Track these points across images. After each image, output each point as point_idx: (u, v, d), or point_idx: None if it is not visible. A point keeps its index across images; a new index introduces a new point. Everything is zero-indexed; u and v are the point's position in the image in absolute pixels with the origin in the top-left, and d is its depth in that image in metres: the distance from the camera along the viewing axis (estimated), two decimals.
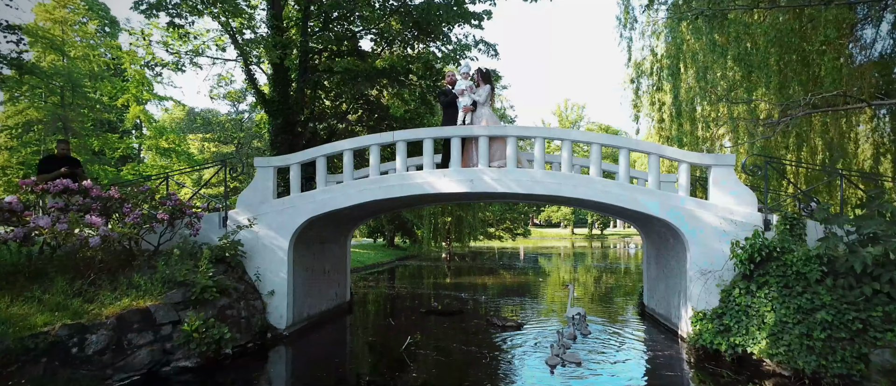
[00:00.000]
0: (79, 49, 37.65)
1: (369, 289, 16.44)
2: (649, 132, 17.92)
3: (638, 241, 62.78)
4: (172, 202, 8.13)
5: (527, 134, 9.38)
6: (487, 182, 8.86)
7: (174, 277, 7.20)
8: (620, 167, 8.55)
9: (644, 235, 11.32)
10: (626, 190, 8.38)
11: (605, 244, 66.04)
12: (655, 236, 10.42)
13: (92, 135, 35.60)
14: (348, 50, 14.00)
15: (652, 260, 10.91)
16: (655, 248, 10.56)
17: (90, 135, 35.31)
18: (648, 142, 8.50)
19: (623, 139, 8.58)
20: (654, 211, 8.17)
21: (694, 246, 7.90)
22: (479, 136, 8.95)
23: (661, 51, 17.32)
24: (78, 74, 33.87)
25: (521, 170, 8.97)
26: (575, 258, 35.12)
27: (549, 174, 8.83)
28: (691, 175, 8.52)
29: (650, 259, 11.08)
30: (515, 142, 8.98)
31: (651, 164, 8.40)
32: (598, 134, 8.81)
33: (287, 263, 8.96)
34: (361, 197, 9.07)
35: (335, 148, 9.36)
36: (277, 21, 13.14)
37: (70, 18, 36.41)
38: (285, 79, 13.53)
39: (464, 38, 14.27)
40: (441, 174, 8.98)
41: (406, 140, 9.17)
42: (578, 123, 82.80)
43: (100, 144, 37.72)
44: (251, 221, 8.73)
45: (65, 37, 35.90)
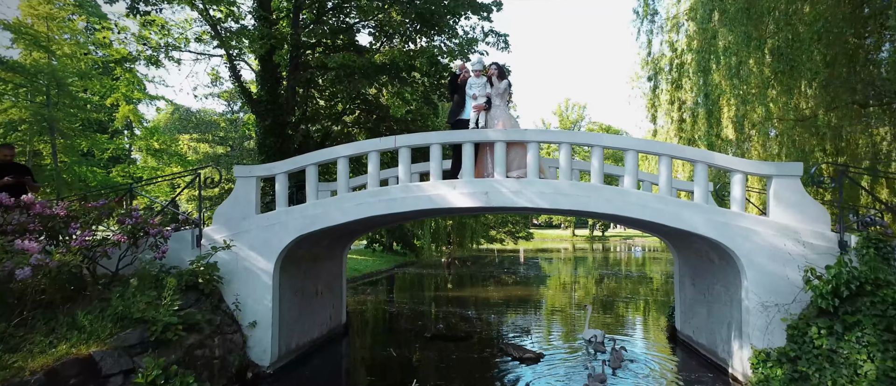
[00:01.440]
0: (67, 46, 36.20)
1: (367, 303, 15.18)
2: (667, 133, 16.68)
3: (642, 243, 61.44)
4: (133, 220, 6.86)
5: (550, 139, 8.16)
6: (505, 195, 7.61)
7: (130, 312, 5.93)
8: (661, 177, 7.30)
9: (676, 251, 10.08)
10: (668, 204, 7.13)
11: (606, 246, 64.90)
12: (692, 254, 9.18)
13: (80, 135, 34.29)
14: (344, 44, 12.75)
15: (687, 280, 9.67)
16: (691, 267, 9.32)
17: (78, 135, 34.00)
18: (694, 148, 7.30)
19: (664, 145, 7.34)
20: (702, 229, 6.93)
21: (751, 271, 6.67)
22: (495, 141, 7.71)
23: (681, 45, 16.10)
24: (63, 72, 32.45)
25: (544, 181, 7.72)
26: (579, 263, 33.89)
27: (577, 186, 7.58)
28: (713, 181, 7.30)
29: (684, 278, 9.84)
30: (537, 148, 7.73)
31: (698, 175, 7.15)
32: (633, 139, 7.57)
33: (272, 289, 7.70)
34: (359, 212, 7.82)
35: (328, 155, 8.10)
36: (265, 11, 11.87)
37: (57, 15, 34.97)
38: (275, 76, 12.28)
39: (471, 30, 13.01)
40: (451, 186, 7.73)
41: (410, 146, 7.92)
42: (579, 123, 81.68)
43: (88, 145, 36.39)
44: (228, 243, 7.46)
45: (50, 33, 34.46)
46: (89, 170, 36.53)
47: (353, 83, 10.55)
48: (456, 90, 8.38)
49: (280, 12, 13.21)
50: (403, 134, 12.69)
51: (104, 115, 39.19)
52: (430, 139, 7.92)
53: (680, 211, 7.05)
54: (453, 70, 8.23)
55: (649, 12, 15.84)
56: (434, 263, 31.72)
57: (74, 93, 34.33)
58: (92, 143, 36.67)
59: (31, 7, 33.69)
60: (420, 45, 12.99)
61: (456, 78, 8.40)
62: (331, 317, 10.36)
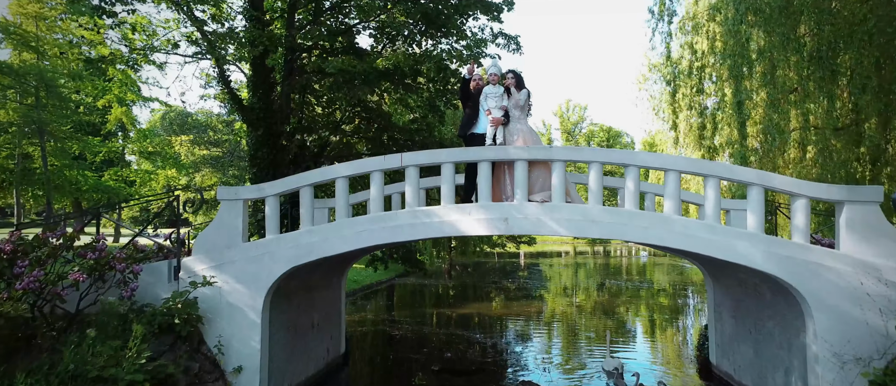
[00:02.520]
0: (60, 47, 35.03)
1: (366, 322, 14.19)
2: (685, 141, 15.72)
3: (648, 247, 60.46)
4: (97, 254, 5.88)
5: (579, 157, 7.15)
6: (527, 222, 6.65)
7: (85, 370, 4.96)
8: (708, 202, 6.33)
9: (711, 277, 9.11)
10: (719, 234, 6.16)
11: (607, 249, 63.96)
12: (733, 283, 8.21)
13: (71, 138, 33.26)
14: (343, 47, 11.75)
15: (725, 311, 8.70)
16: (732, 297, 8.35)
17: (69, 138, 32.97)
18: (749, 169, 6.32)
19: (710, 165, 6.36)
20: (760, 264, 5.96)
21: (820, 315, 5.70)
22: (516, 159, 6.73)
23: (702, 47, 15.15)
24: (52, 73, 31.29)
25: (572, 205, 6.74)
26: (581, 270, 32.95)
27: (611, 212, 6.60)
28: None
29: (721, 308, 8.87)
30: (563, 168, 6.75)
31: (752, 199, 6.17)
32: (675, 158, 6.61)
33: (261, 327, 6.71)
34: (360, 241, 6.84)
35: (325, 175, 7.11)
36: (257, 11, 10.87)
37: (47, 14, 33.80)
38: (268, 81, 11.28)
39: (480, 31, 12.01)
40: (465, 211, 6.75)
41: (418, 165, 6.94)
42: (580, 125, 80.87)
43: (80, 148, 35.32)
44: (208, 279, 6.46)
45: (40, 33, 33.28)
46: (80, 173, 35.49)
47: (353, 90, 9.58)
48: (468, 99, 7.38)
49: (274, 12, 12.22)
50: (406, 144, 11.73)
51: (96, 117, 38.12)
52: (441, 157, 6.94)
53: (733, 242, 6.08)
54: (463, 75, 7.22)
55: (666, 12, 14.84)
56: (434, 269, 30.75)
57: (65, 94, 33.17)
58: (83, 145, 35.61)
59: (19, 6, 32.53)
60: (425, 47, 12.01)
61: (467, 84, 7.40)
62: (328, 349, 9.38)
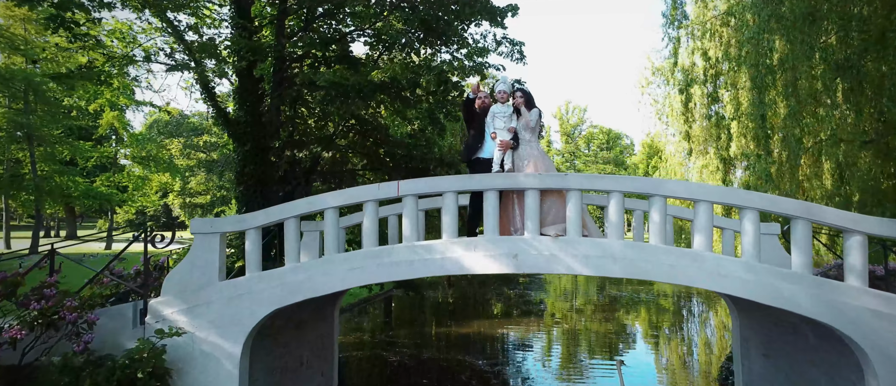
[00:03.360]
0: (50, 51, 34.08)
1: (363, 345, 13.41)
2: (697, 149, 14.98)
3: None
4: (46, 300, 5.11)
5: (598, 186, 6.38)
6: (539, 259, 5.91)
7: None
8: (746, 236, 5.57)
9: (736, 308, 8.35)
10: (760, 274, 5.40)
11: None
12: (763, 318, 7.46)
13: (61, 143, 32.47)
14: (337, 56, 10.99)
15: (753, 348, 7.94)
16: (763, 334, 7.60)
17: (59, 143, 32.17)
18: (791, 200, 5.54)
19: (747, 195, 5.60)
20: (809, 310, 5.21)
21: (885, 370, 4.95)
22: (527, 188, 5.98)
23: (715, 53, 14.42)
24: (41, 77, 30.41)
25: (590, 240, 5.99)
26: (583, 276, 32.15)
27: (634, 247, 5.84)
28: None
29: (748, 343, 8.10)
30: (580, 198, 6.00)
31: (798, 235, 5.41)
32: (706, 187, 5.85)
33: (239, 378, 5.95)
34: (352, 279, 6.10)
35: (312, 205, 6.33)
36: (244, 19, 10.11)
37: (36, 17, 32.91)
38: (256, 93, 10.51)
39: (482, 38, 11.24)
40: (470, 246, 6.00)
41: (417, 194, 6.18)
42: (580, 126, 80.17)
43: (71, 153, 34.51)
44: (177, 329, 5.68)
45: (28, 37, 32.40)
46: (71, 179, 34.67)
47: (347, 104, 8.82)
48: (473, 120, 6.61)
49: (263, 19, 11.44)
50: (404, 159, 10.97)
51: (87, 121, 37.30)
52: (443, 185, 6.18)
53: (777, 284, 5.32)
54: (467, 93, 6.44)
55: (678, 17, 14.10)
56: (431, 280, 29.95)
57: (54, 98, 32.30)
58: (74, 150, 34.78)
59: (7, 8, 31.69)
60: (425, 55, 11.25)
61: (472, 103, 6.62)
62: None
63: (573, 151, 76.95)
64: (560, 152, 76.05)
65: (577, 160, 77.12)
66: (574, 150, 77.15)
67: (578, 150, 77.86)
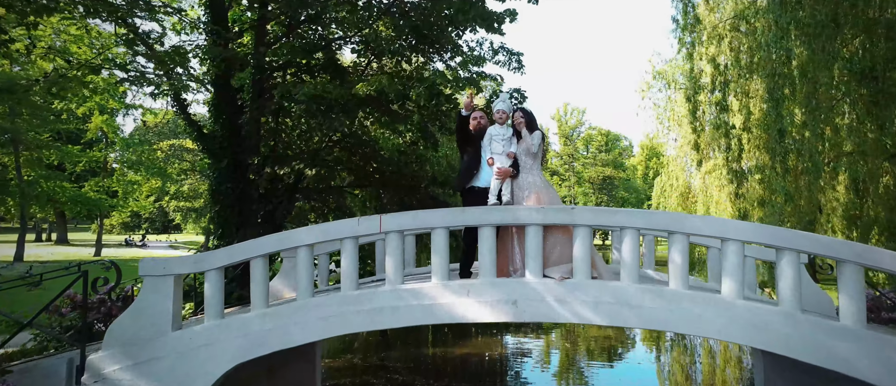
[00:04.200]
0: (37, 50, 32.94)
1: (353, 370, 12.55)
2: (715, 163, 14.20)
3: None
4: None
5: (609, 222, 5.59)
6: (542, 305, 5.14)
7: None
8: (784, 281, 4.78)
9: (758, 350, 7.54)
10: (802, 326, 4.63)
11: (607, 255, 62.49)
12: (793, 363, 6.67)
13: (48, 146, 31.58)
14: (322, 64, 10.18)
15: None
16: (790, 381, 6.81)
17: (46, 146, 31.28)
18: (840, 241, 4.81)
19: (788, 234, 4.81)
20: (869, 376, 4.39)
21: None
22: (528, 224, 5.21)
23: (726, 60, 13.66)
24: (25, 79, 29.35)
25: (600, 283, 5.21)
26: None
27: (653, 293, 5.06)
28: None
29: None
30: (589, 235, 5.22)
31: (848, 280, 4.60)
32: (738, 224, 5.04)
33: None
34: (328, 329, 5.32)
35: (283, 243, 5.53)
36: (219, 25, 9.31)
37: None
38: (233, 105, 9.71)
39: (477, 46, 10.46)
40: (463, 290, 5.22)
41: (402, 230, 5.39)
42: (579, 129, 79.48)
43: (58, 157, 33.62)
44: None
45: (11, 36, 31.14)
46: (58, 184, 33.80)
47: (330, 119, 8.05)
48: (467, 143, 5.81)
49: (242, 24, 10.63)
50: (394, 177, 10.17)
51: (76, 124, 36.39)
52: (432, 220, 5.39)
53: (828, 342, 4.54)
54: (461, 111, 5.64)
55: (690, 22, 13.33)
56: None
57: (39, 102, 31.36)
58: (62, 155, 33.90)
59: None
60: (416, 63, 10.46)
61: (465, 123, 5.81)
62: None
63: (572, 153, 76.23)
64: (559, 154, 75.29)
65: (575, 162, 76.45)
66: (572, 152, 76.42)
67: (577, 151, 77.14)
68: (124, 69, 8.47)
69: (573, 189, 75.02)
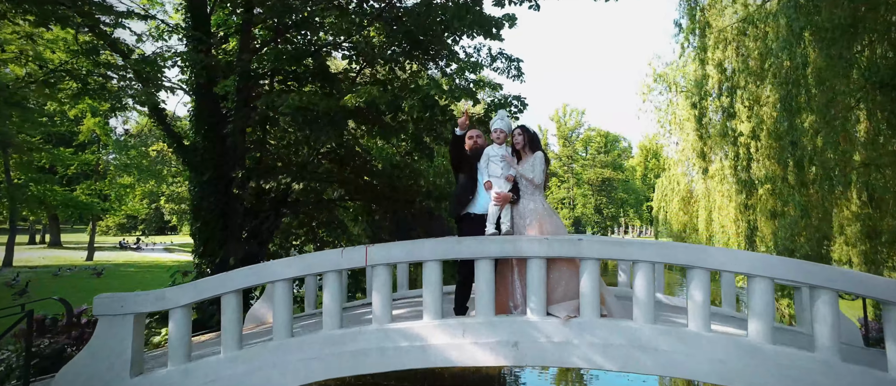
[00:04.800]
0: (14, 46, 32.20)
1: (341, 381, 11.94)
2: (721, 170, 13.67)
3: None
4: None
5: (619, 255, 5.03)
6: (547, 346, 4.62)
7: None
8: (822, 324, 4.25)
9: None
10: (843, 377, 4.10)
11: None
12: None
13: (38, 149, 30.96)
14: (311, 71, 9.64)
15: None
16: None
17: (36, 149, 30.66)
18: (887, 279, 4.18)
19: (826, 271, 4.27)
20: None
21: None
22: (530, 256, 4.67)
23: (733, 64, 13.13)
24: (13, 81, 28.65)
25: (610, 322, 4.68)
26: None
27: (670, 334, 4.53)
28: None
29: None
30: (596, 268, 4.69)
31: None
32: (765, 258, 4.49)
33: None
34: (308, 374, 4.76)
35: (260, 277, 4.96)
36: (199, 31, 8.76)
37: None
38: (217, 114, 9.16)
39: (475, 52, 9.94)
40: (458, 330, 4.69)
41: (389, 263, 4.84)
42: (578, 130, 79.05)
43: (49, 160, 33.02)
44: None
45: None
46: (47, 188, 33.24)
47: (318, 131, 7.50)
48: (462, 164, 5.26)
49: (228, 28, 10.07)
50: (386, 191, 9.63)
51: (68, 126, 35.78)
52: (424, 252, 4.84)
53: None
54: (455, 130, 5.08)
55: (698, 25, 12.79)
56: None
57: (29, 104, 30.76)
58: (53, 158, 33.33)
59: None
60: (411, 69, 9.92)
61: (460, 142, 5.24)
62: None
63: (571, 155, 75.77)
64: (557, 156, 74.81)
65: (574, 163, 75.99)
66: (571, 154, 75.97)
67: (576, 153, 76.70)
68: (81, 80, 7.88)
69: (572, 190, 74.60)
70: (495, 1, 8.09)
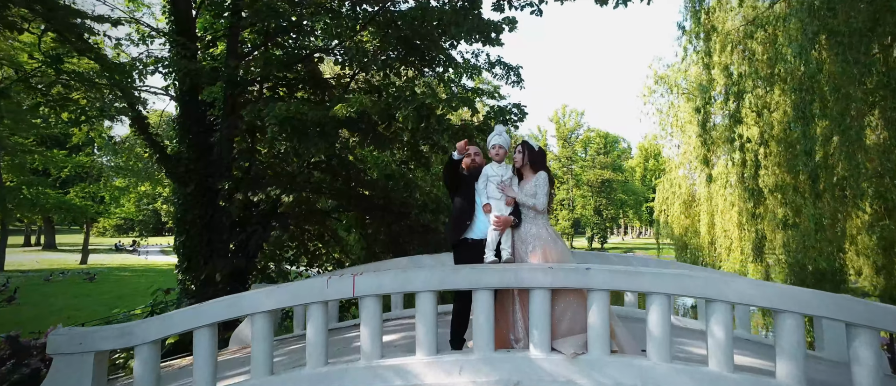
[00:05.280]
0: None
1: None
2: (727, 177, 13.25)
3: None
4: None
5: (631, 286, 4.59)
6: None
7: None
8: (862, 367, 3.82)
9: None
10: None
11: None
12: None
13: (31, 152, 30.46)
14: (302, 77, 9.21)
15: None
16: None
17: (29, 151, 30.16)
18: None
19: (861, 305, 3.86)
20: None
21: None
22: (533, 287, 4.25)
23: (738, 69, 12.72)
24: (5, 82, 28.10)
25: (622, 359, 4.25)
26: None
27: (689, 374, 4.10)
28: None
29: None
30: (606, 300, 4.26)
31: None
32: (792, 290, 4.06)
33: None
34: None
35: (236, 309, 4.52)
36: (185, 35, 8.32)
37: None
38: (201, 123, 8.73)
39: (473, 58, 9.52)
40: (453, 368, 4.27)
41: (378, 295, 4.42)
42: (577, 131, 78.61)
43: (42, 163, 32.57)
44: None
45: None
46: (39, 191, 32.80)
47: (306, 142, 7.08)
48: (459, 186, 4.82)
49: (216, 32, 9.64)
50: (380, 203, 9.19)
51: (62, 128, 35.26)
52: (417, 283, 4.41)
53: None
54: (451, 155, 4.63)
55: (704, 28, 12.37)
56: None
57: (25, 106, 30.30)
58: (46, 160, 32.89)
59: None
60: (406, 75, 9.49)
61: (456, 164, 4.76)
62: None
63: (570, 156, 75.32)
64: (557, 157, 74.37)
65: (573, 165, 75.55)
66: (571, 155, 75.52)
67: (575, 154, 76.26)
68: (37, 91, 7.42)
69: (571, 192, 74.15)
70: (495, 5, 7.67)
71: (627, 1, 6.84)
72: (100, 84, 7.45)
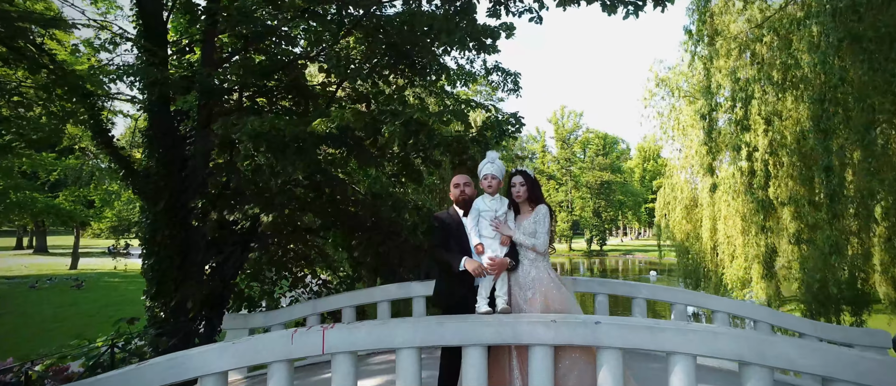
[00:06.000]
0: None
1: None
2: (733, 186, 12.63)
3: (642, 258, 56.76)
4: None
5: (649, 344, 3.94)
6: None
7: None
8: None
9: None
10: None
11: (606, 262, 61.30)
12: None
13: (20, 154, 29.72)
14: (285, 85, 8.57)
15: None
16: None
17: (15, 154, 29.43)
18: None
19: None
20: None
21: None
22: (533, 344, 3.62)
23: (746, 74, 12.12)
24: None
25: None
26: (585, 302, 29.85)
27: None
28: None
29: None
30: (619, 359, 3.63)
31: None
32: (845, 353, 3.43)
33: None
34: None
35: (181, 369, 3.87)
36: (153, 40, 7.67)
37: None
38: (172, 136, 8.08)
39: (468, 64, 8.90)
40: None
41: (353, 352, 3.77)
42: (576, 132, 78.05)
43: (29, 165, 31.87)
44: None
45: None
46: (27, 195, 32.18)
47: (284, 160, 6.46)
48: (448, 239, 4.15)
49: (192, 36, 8.99)
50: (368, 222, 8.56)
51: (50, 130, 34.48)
52: (397, 337, 3.76)
53: None
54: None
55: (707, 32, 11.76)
56: None
57: None
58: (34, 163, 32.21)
59: None
60: (396, 84, 8.85)
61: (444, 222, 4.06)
62: None
63: (569, 157, 74.76)
64: (556, 158, 73.82)
65: (572, 166, 75.00)
66: (570, 156, 74.96)
67: (574, 155, 75.69)
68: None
69: (570, 193, 73.59)
70: (490, 12, 7.04)
71: (639, 11, 6.21)
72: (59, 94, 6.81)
